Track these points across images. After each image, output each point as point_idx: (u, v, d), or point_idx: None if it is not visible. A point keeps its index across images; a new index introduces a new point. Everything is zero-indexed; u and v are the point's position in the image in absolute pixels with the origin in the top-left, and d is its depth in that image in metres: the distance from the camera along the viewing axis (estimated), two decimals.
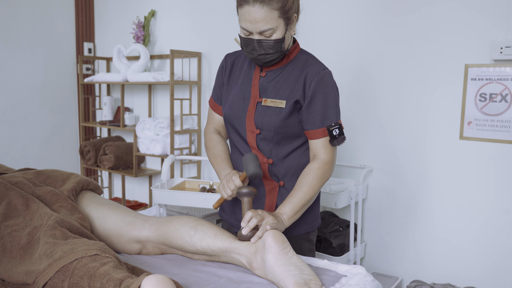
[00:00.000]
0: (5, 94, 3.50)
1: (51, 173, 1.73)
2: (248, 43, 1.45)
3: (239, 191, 1.45)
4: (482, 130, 2.24)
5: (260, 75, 1.55)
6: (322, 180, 1.51)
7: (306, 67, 1.51)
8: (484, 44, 2.19)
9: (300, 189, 1.49)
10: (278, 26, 1.42)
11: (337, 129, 1.49)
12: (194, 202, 2.34)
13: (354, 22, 2.56)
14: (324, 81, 1.49)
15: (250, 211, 1.39)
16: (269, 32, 1.41)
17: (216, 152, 1.64)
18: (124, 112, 3.52)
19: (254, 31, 1.41)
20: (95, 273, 1.13)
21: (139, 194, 3.80)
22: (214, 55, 3.19)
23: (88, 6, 3.93)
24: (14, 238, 1.34)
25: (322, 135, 1.50)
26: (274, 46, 1.44)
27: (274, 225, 1.38)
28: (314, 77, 1.48)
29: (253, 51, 1.46)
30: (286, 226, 1.46)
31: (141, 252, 1.57)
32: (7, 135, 3.54)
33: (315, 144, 1.52)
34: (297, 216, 1.49)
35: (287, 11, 1.41)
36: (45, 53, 3.73)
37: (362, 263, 2.68)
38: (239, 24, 1.44)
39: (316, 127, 1.50)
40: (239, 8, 1.42)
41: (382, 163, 2.55)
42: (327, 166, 1.51)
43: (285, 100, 1.49)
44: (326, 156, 1.51)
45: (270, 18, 1.39)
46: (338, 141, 1.51)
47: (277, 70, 1.54)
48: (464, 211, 2.33)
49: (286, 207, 1.47)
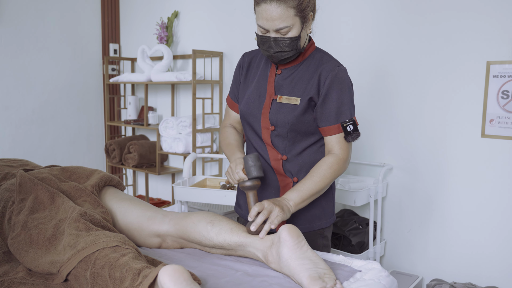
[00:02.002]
0: (34, 94, 3.62)
1: (76, 169, 1.79)
2: (264, 41, 1.49)
3: (243, 185, 1.47)
4: (504, 128, 2.21)
5: (276, 72, 1.58)
6: (334, 174, 1.51)
7: (321, 65, 1.53)
8: (505, 40, 2.17)
9: (311, 179, 1.49)
10: (294, 24, 1.44)
11: (351, 125, 1.51)
12: (215, 199, 2.39)
13: (374, 21, 2.56)
14: (339, 78, 1.51)
15: (256, 205, 1.40)
16: (285, 30, 1.44)
17: (228, 141, 1.67)
18: (148, 111, 3.59)
19: (270, 29, 1.44)
20: (116, 263, 1.17)
21: (162, 192, 3.88)
22: (235, 55, 3.24)
23: (114, 8, 4.03)
24: (41, 230, 1.40)
25: (337, 131, 1.51)
26: (290, 44, 1.46)
27: (280, 218, 1.40)
28: (329, 73, 1.50)
29: (269, 48, 1.49)
30: (292, 212, 1.46)
31: (161, 246, 1.62)
32: (36, 134, 3.67)
33: (330, 140, 1.53)
34: (303, 204, 1.49)
35: (303, 10, 1.44)
36: (72, 55, 3.85)
37: (382, 261, 2.67)
38: (256, 22, 1.48)
39: (330, 124, 1.51)
40: (257, 6, 1.45)
41: (402, 161, 2.54)
42: (341, 161, 1.52)
43: (300, 97, 1.52)
44: (341, 152, 1.53)
45: (286, 16, 1.41)
46: (352, 137, 1.52)
47: (292, 68, 1.57)
48: (484, 209, 2.30)
49: (293, 193, 1.47)
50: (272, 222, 1.38)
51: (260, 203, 1.41)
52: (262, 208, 1.40)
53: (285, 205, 1.45)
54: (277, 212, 1.40)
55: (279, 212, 1.40)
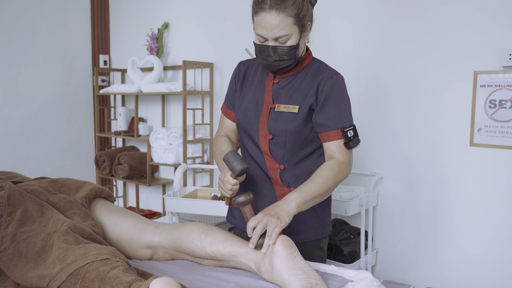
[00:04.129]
0: (23, 106, 3.60)
1: (66, 181, 1.78)
2: (263, 49, 1.49)
3: (235, 201, 1.42)
4: (492, 136, 2.23)
5: (274, 81, 1.58)
6: (337, 177, 1.47)
7: (319, 73, 1.54)
8: (492, 51, 2.20)
9: (313, 181, 1.45)
10: (293, 33, 1.45)
11: (352, 131, 1.49)
12: (206, 210, 2.38)
13: (367, 33, 2.59)
14: (337, 85, 1.52)
15: (250, 221, 1.37)
16: (284, 39, 1.45)
17: (221, 152, 1.63)
18: (138, 122, 3.58)
19: (269, 37, 1.45)
20: (106, 276, 1.16)
21: (153, 203, 3.85)
22: (225, 66, 3.25)
23: (104, 19, 4.03)
24: (29, 243, 1.39)
25: (336, 137, 1.50)
26: (288, 52, 1.47)
27: (278, 228, 1.35)
28: (327, 81, 1.51)
29: (268, 57, 1.49)
30: (294, 214, 1.40)
31: (152, 257, 1.61)
32: (25, 146, 3.64)
33: (329, 146, 1.51)
34: (306, 206, 1.43)
35: (301, 18, 1.45)
36: (62, 66, 3.83)
37: (374, 271, 2.67)
38: (255, 32, 1.48)
39: (330, 129, 1.50)
40: (255, 15, 1.46)
41: (393, 171, 2.56)
42: (343, 165, 1.49)
43: (298, 106, 1.52)
44: (342, 156, 1.50)
45: (285, 24, 1.43)
46: (353, 143, 1.50)
47: (290, 77, 1.57)
48: (475, 218, 2.32)
49: (296, 194, 1.42)
50: (270, 236, 1.34)
51: (255, 217, 1.37)
52: (256, 223, 1.36)
53: (283, 210, 1.38)
54: (274, 223, 1.34)
55: (276, 223, 1.34)
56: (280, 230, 1.35)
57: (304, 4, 1.45)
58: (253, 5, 1.47)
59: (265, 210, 1.39)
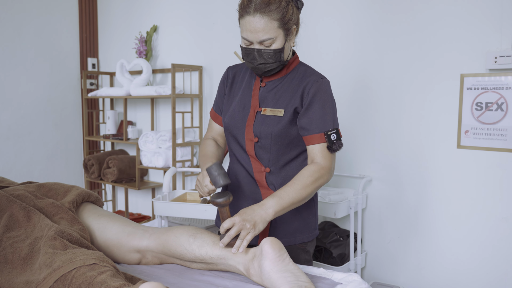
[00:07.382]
0: (10, 110, 3.56)
1: (53, 185, 1.76)
2: (248, 52, 1.50)
3: (214, 201, 1.43)
4: (479, 138, 2.25)
5: (260, 85, 1.60)
6: (316, 183, 1.48)
7: (305, 77, 1.55)
8: (479, 54, 2.22)
9: (293, 186, 1.46)
10: (278, 36, 1.47)
11: (335, 134, 1.50)
12: (195, 213, 2.37)
13: (356, 36, 2.60)
14: (322, 89, 1.53)
15: (226, 222, 1.39)
16: (268, 42, 1.46)
17: (204, 153, 1.65)
18: (127, 126, 3.56)
19: (254, 40, 1.47)
20: (93, 281, 1.15)
21: (142, 207, 3.83)
22: (214, 69, 3.24)
23: (92, 22, 4.01)
24: (16, 249, 1.37)
25: (319, 140, 1.51)
26: (273, 55, 1.49)
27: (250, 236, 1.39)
28: (313, 84, 1.52)
29: (253, 60, 1.50)
30: (269, 220, 1.43)
31: (141, 262, 1.60)
32: (12, 150, 3.60)
33: (312, 149, 1.52)
34: (283, 212, 1.46)
35: (286, 22, 1.46)
36: (50, 69, 3.80)
37: (363, 273, 2.68)
38: (241, 35, 1.50)
39: (313, 132, 1.51)
40: (241, 19, 1.48)
41: (381, 173, 2.57)
42: (323, 170, 1.49)
43: (284, 109, 1.53)
44: (323, 160, 1.51)
45: (269, 28, 1.44)
46: (336, 147, 1.50)
47: (276, 81, 1.59)
48: (463, 220, 2.34)
49: (273, 200, 1.44)
50: (242, 241, 1.39)
51: (231, 219, 1.39)
52: (232, 224, 1.39)
53: (260, 216, 1.41)
54: (248, 229, 1.38)
55: (251, 229, 1.38)
56: (252, 238, 1.40)
57: (289, 8, 1.46)
58: (239, 8, 1.49)
59: (242, 213, 1.41)
